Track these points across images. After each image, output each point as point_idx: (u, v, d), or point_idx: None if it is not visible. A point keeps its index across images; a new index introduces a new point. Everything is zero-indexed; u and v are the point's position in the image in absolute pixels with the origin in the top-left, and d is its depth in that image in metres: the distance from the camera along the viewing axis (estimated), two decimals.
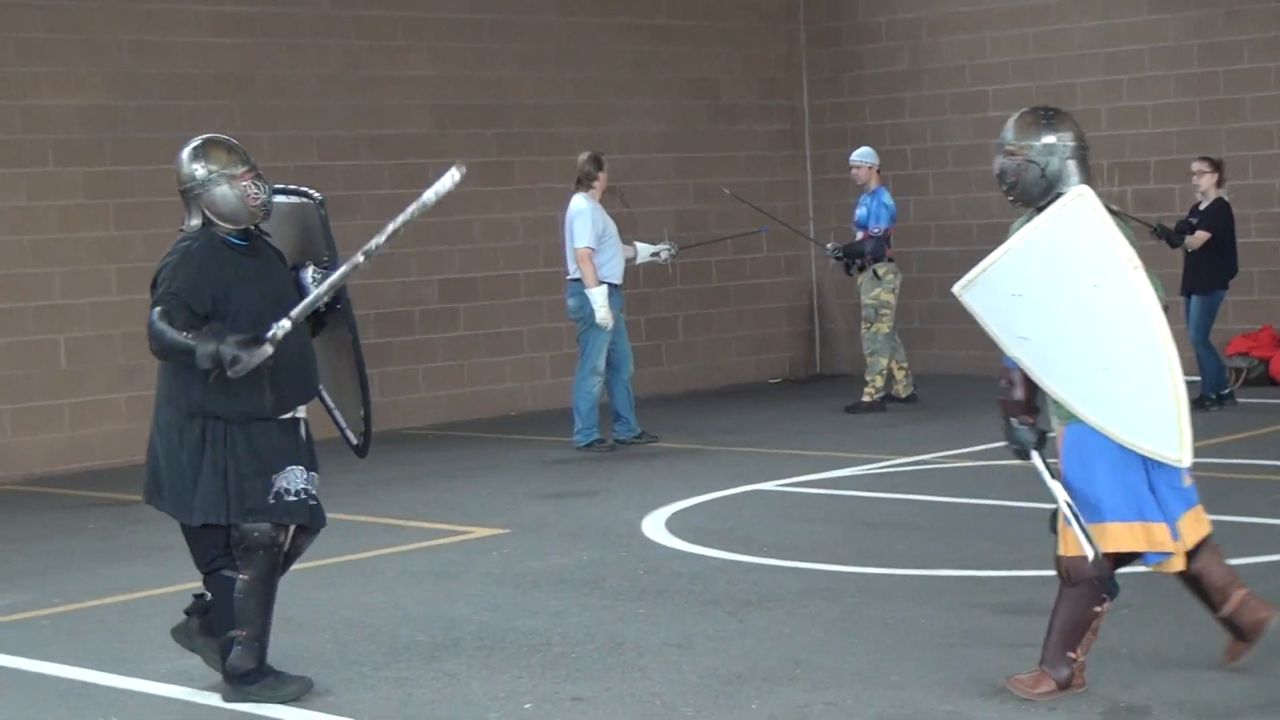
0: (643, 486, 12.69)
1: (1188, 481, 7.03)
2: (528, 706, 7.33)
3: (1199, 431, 7.13)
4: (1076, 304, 6.84)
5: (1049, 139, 7.09)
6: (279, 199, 7.71)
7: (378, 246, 7.21)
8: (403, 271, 16.77)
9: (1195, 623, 8.07)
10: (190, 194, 7.47)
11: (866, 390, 16.33)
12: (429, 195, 7.13)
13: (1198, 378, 15.02)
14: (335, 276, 7.37)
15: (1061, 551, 7.03)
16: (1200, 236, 15.09)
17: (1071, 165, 7.08)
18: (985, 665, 7.57)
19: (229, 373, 7.18)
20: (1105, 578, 7.02)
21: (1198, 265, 15.17)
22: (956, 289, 7.12)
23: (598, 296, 14.30)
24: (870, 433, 14.95)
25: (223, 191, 7.41)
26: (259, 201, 7.47)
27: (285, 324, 7.25)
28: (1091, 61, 18.09)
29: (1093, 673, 7.31)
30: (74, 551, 11.21)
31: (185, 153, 7.53)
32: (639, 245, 15.31)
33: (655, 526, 11.16)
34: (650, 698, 7.36)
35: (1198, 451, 6.92)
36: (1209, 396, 15.15)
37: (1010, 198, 7.20)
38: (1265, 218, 17.14)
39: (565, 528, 11.29)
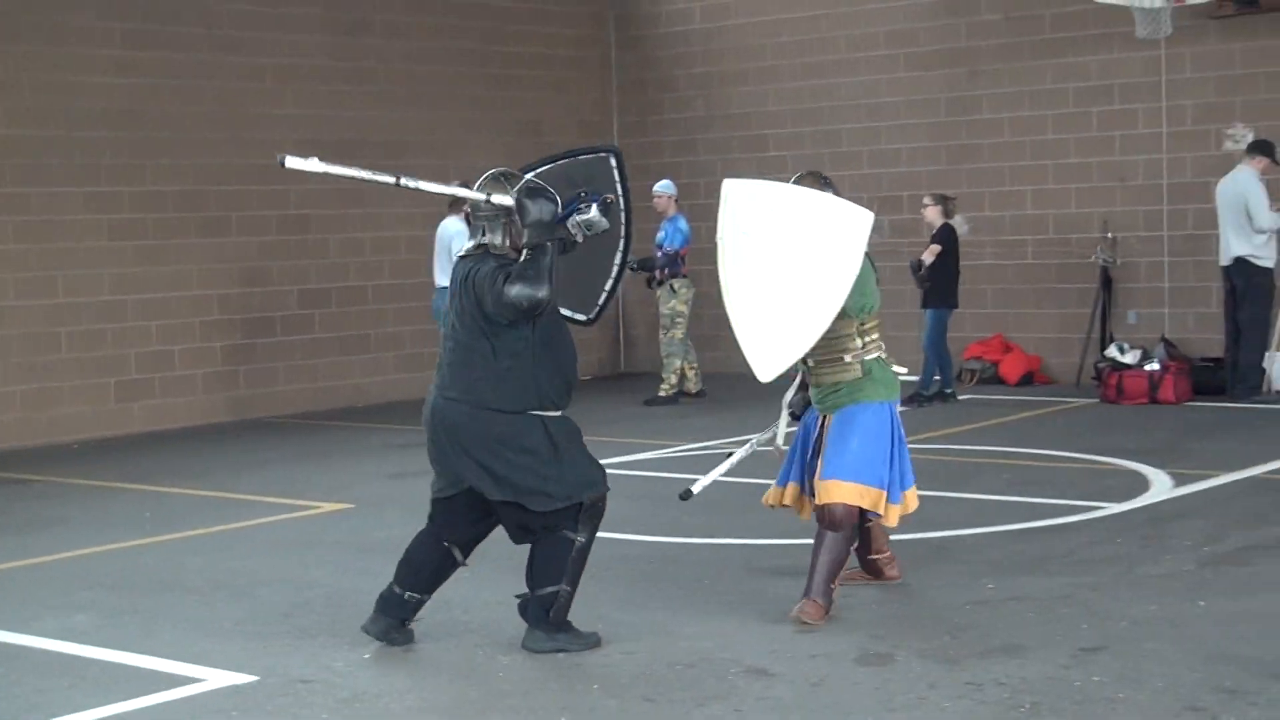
0: None
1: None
2: (367, 656, 7.26)
3: (931, 422, 7.17)
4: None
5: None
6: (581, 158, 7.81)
7: (413, 182, 7.57)
8: (265, 281, 16.52)
9: (938, 586, 8.16)
10: (500, 218, 7.26)
11: (662, 387, 16.36)
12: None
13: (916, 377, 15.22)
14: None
15: (822, 500, 7.56)
16: (934, 249, 15.26)
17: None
18: (762, 618, 7.59)
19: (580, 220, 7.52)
20: (858, 525, 7.66)
21: (933, 286, 15.33)
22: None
23: None
24: (665, 422, 14.96)
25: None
26: None
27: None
28: (856, 111, 18.25)
29: (847, 625, 7.37)
30: None
31: (499, 182, 7.30)
32: None
33: None
34: (473, 649, 7.29)
35: (940, 439, 6.98)
36: (921, 394, 15.22)
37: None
38: (997, 244, 17.38)
39: (404, 503, 11.15)
